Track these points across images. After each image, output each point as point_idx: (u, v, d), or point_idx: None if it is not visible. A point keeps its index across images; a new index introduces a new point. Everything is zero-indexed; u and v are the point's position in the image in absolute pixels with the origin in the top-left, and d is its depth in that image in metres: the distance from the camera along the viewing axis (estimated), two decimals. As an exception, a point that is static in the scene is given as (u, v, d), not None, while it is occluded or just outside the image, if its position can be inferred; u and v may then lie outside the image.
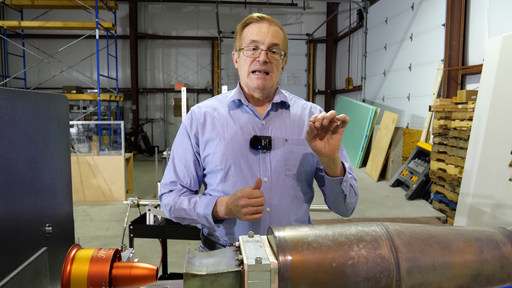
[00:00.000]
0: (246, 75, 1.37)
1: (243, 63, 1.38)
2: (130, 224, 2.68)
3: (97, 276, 0.86)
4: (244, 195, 1.21)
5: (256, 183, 1.22)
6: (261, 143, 1.35)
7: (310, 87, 13.96)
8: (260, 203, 1.21)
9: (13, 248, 0.88)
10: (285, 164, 1.37)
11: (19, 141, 0.91)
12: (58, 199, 1.10)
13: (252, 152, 1.36)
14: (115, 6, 10.37)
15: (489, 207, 4.23)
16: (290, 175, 1.38)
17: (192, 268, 0.76)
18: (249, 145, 1.36)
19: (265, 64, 1.34)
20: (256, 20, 1.37)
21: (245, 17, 1.41)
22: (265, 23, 1.36)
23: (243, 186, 1.35)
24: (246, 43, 1.36)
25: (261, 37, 1.34)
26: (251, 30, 1.36)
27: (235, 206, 1.24)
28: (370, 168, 7.85)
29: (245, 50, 1.36)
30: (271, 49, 1.35)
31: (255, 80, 1.36)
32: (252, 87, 1.38)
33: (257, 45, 1.34)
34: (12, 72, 12.31)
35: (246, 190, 1.23)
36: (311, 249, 0.76)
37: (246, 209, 1.21)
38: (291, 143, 1.39)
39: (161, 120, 14.52)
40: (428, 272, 0.76)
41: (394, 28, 8.79)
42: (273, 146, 1.37)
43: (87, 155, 6.88)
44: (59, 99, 1.11)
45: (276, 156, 1.36)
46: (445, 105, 5.50)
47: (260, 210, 1.22)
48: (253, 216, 1.22)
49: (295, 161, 1.38)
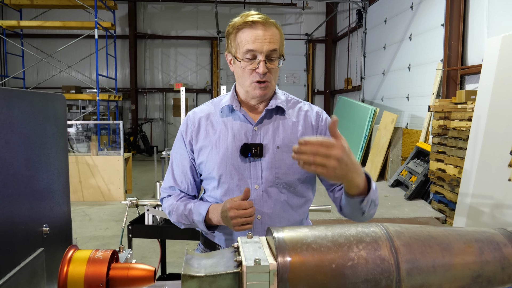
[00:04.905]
0: (248, 84, 1.33)
1: (241, 73, 1.34)
2: (128, 224, 2.67)
3: (94, 277, 0.86)
4: (233, 207, 1.19)
5: (244, 194, 1.20)
6: (251, 150, 1.33)
7: (309, 87, 13.96)
8: (249, 214, 1.19)
9: (9, 249, 0.87)
10: (275, 172, 1.34)
11: (16, 141, 0.90)
12: (56, 200, 1.09)
13: (242, 160, 1.34)
14: (114, 6, 10.35)
15: (488, 207, 4.23)
16: (281, 183, 1.35)
17: (190, 270, 0.76)
18: (239, 153, 1.34)
19: (264, 75, 1.30)
20: (250, 26, 1.29)
21: (238, 19, 1.32)
22: (259, 28, 1.28)
23: (236, 193, 1.33)
24: (242, 52, 1.30)
25: (258, 46, 1.27)
26: (246, 38, 1.28)
27: (224, 217, 1.23)
28: (369, 168, 7.85)
29: (243, 61, 1.31)
30: (270, 57, 1.30)
31: (257, 91, 1.32)
32: (253, 96, 1.35)
33: (255, 54, 1.28)
34: (11, 71, 12.30)
35: (234, 202, 1.20)
36: (310, 250, 0.75)
37: (235, 221, 1.19)
38: (283, 150, 1.35)
39: (160, 120, 14.51)
40: (429, 273, 0.75)
41: (393, 28, 8.79)
42: (264, 153, 1.34)
43: (86, 155, 6.87)
44: (56, 98, 1.11)
45: (267, 164, 1.34)
46: (444, 105, 5.50)
47: (249, 221, 1.20)
48: (242, 227, 1.20)
49: (286, 169, 1.34)
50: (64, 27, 9.97)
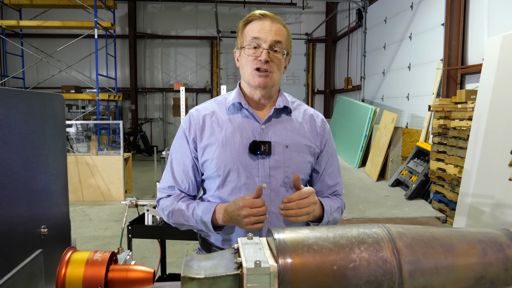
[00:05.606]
0: (249, 73, 1.34)
1: (245, 62, 1.35)
2: (128, 225, 2.66)
3: (93, 279, 0.85)
4: (246, 205, 1.19)
5: (257, 192, 1.19)
6: (260, 148, 1.32)
7: (309, 87, 13.95)
8: (262, 212, 1.19)
9: (7, 250, 0.86)
10: (284, 171, 1.34)
11: (14, 141, 0.89)
12: (54, 200, 1.08)
13: (251, 158, 1.33)
14: (114, 6, 10.34)
15: (489, 207, 4.22)
16: (288, 182, 1.35)
17: (190, 271, 0.75)
18: (248, 150, 1.33)
19: (266, 63, 1.31)
20: (258, 18, 1.33)
21: (247, 15, 1.37)
22: (267, 21, 1.33)
23: (242, 192, 1.32)
24: (248, 40, 1.33)
25: (263, 35, 1.31)
26: (253, 28, 1.33)
27: (236, 216, 1.22)
28: (369, 168, 7.84)
29: (247, 49, 1.33)
30: (273, 48, 1.32)
31: (256, 78, 1.33)
32: (253, 85, 1.35)
33: (259, 42, 1.31)
34: (11, 71, 12.29)
35: (247, 200, 1.20)
36: (311, 252, 0.74)
37: (248, 219, 1.19)
38: (291, 149, 1.36)
39: (160, 120, 14.50)
40: (431, 275, 0.74)
41: (393, 28, 8.78)
42: (273, 152, 1.34)
43: (86, 155, 6.86)
44: (55, 98, 1.10)
45: (275, 162, 1.34)
46: (444, 104, 5.49)
47: (262, 219, 1.20)
48: (255, 226, 1.20)
49: (294, 168, 1.35)
50: (64, 27, 9.96)
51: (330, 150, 1.48)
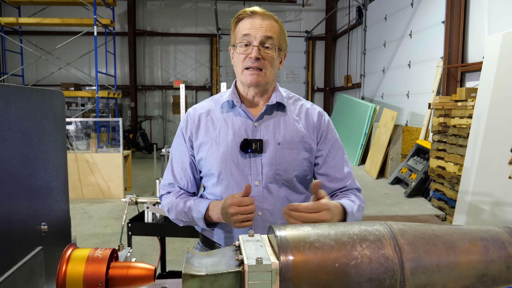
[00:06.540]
0: (240, 72, 1.34)
1: (237, 60, 1.34)
2: (128, 222, 2.66)
3: (93, 276, 0.84)
4: (233, 203, 1.17)
5: (245, 190, 1.18)
6: (251, 146, 1.32)
7: (309, 85, 13.93)
8: (250, 211, 1.17)
9: (7, 247, 0.86)
10: (275, 169, 1.33)
11: (13, 138, 0.89)
12: (54, 197, 1.08)
13: (242, 156, 1.33)
14: (113, 3, 10.30)
15: (489, 205, 4.22)
16: (281, 179, 1.34)
17: (191, 269, 0.75)
18: (239, 149, 1.33)
19: (257, 60, 1.29)
20: (248, 15, 1.32)
21: (238, 12, 1.36)
22: (257, 17, 1.31)
23: (235, 190, 1.32)
24: (239, 38, 1.32)
25: (253, 31, 1.29)
26: (244, 25, 1.31)
27: (225, 213, 1.22)
28: (369, 166, 7.84)
29: (238, 46, 1.32)
30: (264, 44, 1.30)
31: (248, 77, 1.32)
32: (245, 83, 1.34)
33: (249, 39, 1.30)
34: (10, 69, 12.27)
35: (235, 198, 1.18)
36: (313, 249, 0.74)
37: (235, 217, 1.17)
38: (284, 147, 1.34)
39: (160, 118, 14.48)
40: (433, 272, 0.74)
41: (394, 25, 8.76)
42: (265, 149, 1.33)
43: (86, 153, 6.85)
44: (55, 95, 1.09)
45: (267, 160, 1.33)
46: (444, 102, 5.49)
47: (250, 218, 1.18)
48: (243, 224, 1.19)
49: (286, 165, 1.34)
50: (63, 24, 9.93)
51: (330, 142, 1.42)
